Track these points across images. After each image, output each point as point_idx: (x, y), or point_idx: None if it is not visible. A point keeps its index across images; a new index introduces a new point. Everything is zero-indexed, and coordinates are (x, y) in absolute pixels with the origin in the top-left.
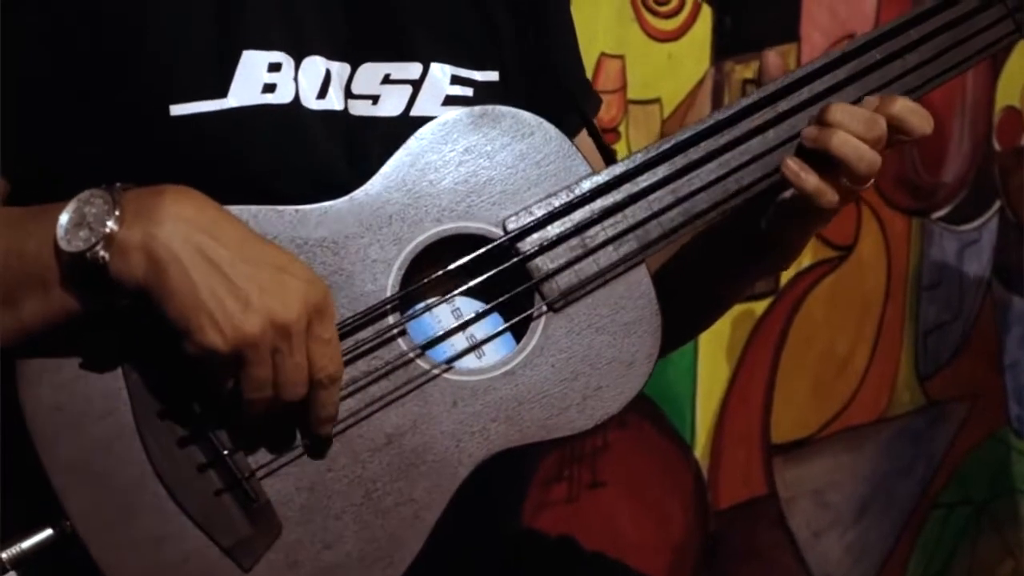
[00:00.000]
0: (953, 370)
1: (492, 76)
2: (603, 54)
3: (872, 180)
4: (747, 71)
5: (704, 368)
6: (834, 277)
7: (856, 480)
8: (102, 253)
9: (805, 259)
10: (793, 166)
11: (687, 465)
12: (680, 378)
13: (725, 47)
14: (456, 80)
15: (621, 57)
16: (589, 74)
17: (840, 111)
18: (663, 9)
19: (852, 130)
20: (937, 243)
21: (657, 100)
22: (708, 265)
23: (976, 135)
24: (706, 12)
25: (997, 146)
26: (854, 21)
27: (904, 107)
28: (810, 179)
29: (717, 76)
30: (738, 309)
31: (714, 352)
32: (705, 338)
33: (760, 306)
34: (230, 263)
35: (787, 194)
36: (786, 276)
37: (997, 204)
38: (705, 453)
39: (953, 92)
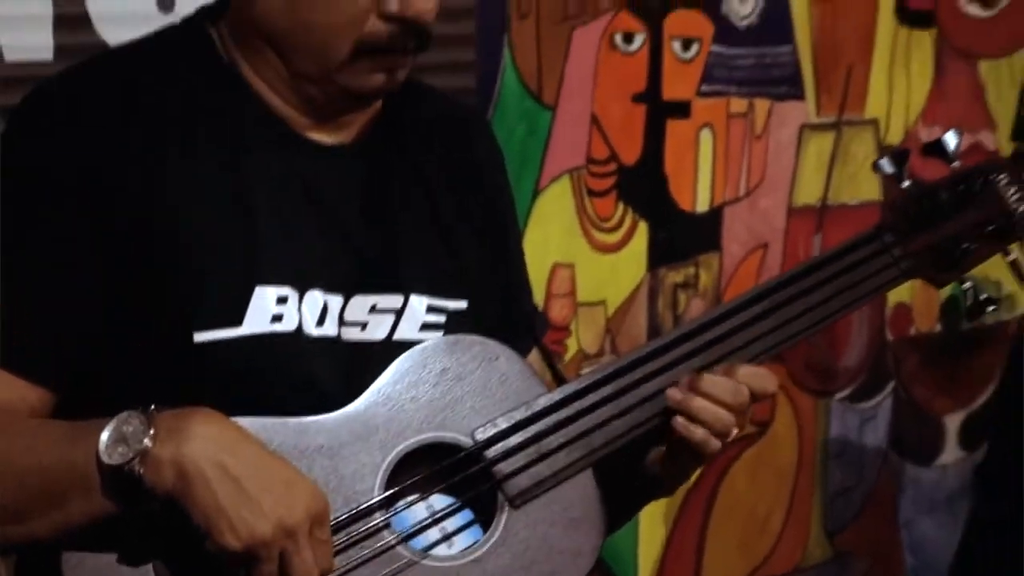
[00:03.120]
0: (857, 527)
1: (461, 305)
2: (556, 264)
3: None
4: (678, 276)
5: (644, 528)
6: (754, 450)
7: None
8: (138, 468)
9: None
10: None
11: None
12: (624, 537)
13: (659, 256)
14: (431, 309)
15: (571, 266)
16: (544, 281)
17: (709, 383)
18: (606, 225)
19: (719, 398)
20: (840, 419)
21: (602, 302)
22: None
23: (872, 327)
24: (642, 227)
25: (890, 336)
26: (767, 235)
27: (746, 373)
28: (698, 431)
29: (653, 281)
30: None
31: (653, 514)
32: None
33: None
34: (246, 478)
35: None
36: None
37: (891, 385)
38: None
39: None
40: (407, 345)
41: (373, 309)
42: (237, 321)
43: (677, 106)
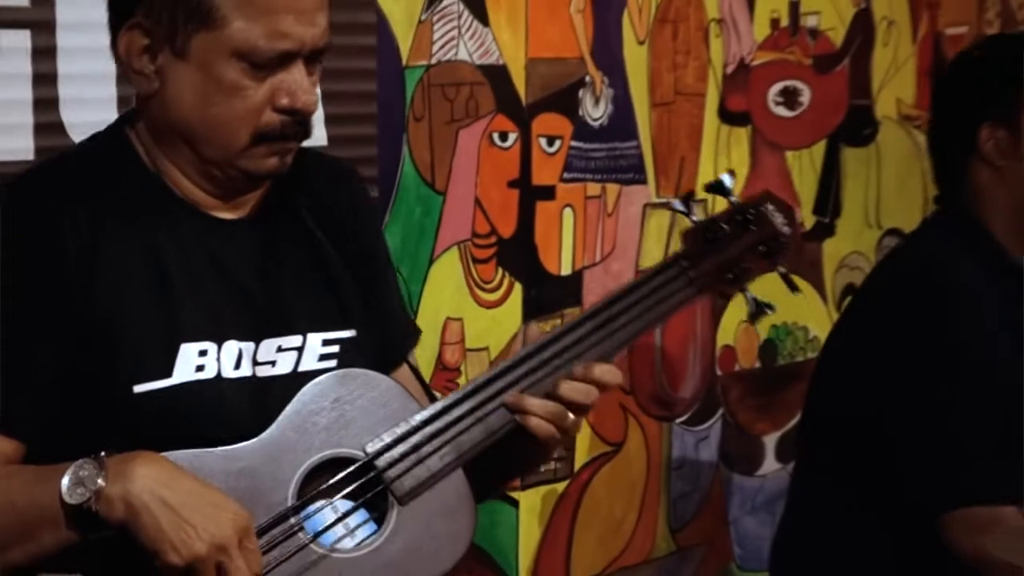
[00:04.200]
0: (695, 524)
1: (350, 333)
2: (448, 317)
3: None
4: (547, 327)
5: (523, 528)
6: (611, 464)
7: None
8: (94, 505)
9: (591, 452)
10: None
11: None
12: (507, 534)
13: (531, 311)
14: (326, 342)
15: (460, 319)
16: (438, 333)
17: (568, 388)
18: (488, 286)
19: (576, 400)
20: (680, 439)
21: (486, 348)
22: (489, 469)
23: (704, 365)
24: (518, 288)
25: (719, 372)
26: None
27: (600, 370)
28: (531, 420)
29: (526, 331)
30: (546, 488)
31: (530, 516)
32: (524, 506)
33: (561, 485)
34: (182, 506)
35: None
36: (579, 464)
37: (720, 411)
38: None
39: (687, 335)
40: (310, 374)
41: (279, 349)
42: (167, 373)
43: (544, 190)
